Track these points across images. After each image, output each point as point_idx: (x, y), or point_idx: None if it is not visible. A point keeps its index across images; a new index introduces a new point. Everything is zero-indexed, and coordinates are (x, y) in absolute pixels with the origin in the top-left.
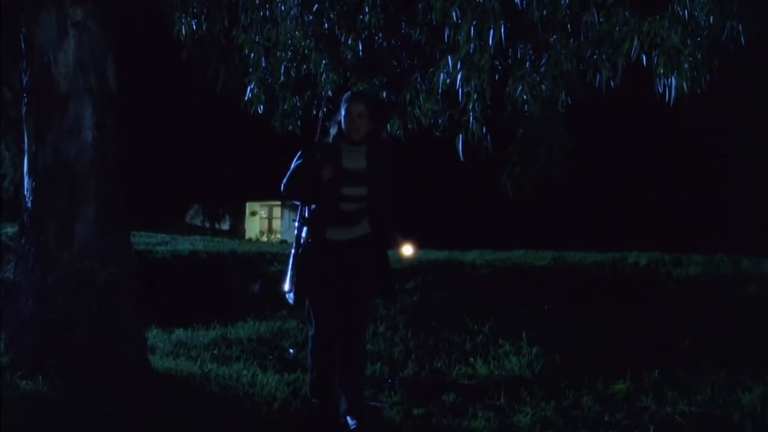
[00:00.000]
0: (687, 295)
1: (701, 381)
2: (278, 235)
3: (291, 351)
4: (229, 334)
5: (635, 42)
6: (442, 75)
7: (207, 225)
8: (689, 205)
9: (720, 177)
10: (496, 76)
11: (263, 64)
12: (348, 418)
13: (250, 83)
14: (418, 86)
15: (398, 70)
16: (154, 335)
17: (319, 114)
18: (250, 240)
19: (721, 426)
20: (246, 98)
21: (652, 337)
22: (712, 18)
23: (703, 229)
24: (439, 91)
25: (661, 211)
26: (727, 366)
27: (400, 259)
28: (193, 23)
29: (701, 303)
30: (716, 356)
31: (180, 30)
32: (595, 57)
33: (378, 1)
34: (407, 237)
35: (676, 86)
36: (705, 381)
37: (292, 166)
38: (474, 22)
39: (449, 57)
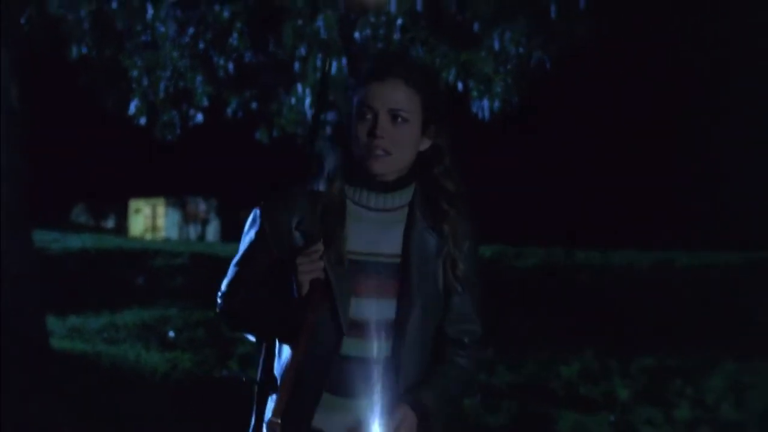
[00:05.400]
0: (524, 284)
1: (528, 357)
2: (162, 233)
3: (171, 334)
4: (117, 321)
5: (453, 71)
6: (293, 99)
7: (92, 223)
8: (532, 199)
9: (560, 172)
10: (349, 92)
11: (145, 83)
12: None
13: (133, 99)
14: (283, 99)
15: (266, 85)
16: (50, 322)
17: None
18: (134, 238)
19: (539, 393)
20: (130, 112)
21: (489, 321)
22: (521, 49)
23: (543, 223)
24: (294, 110)
25: (508, 204)
26: (552, 344)
27: None
28: (83, 49)
29: (535, 290)
30: (545, 336)
31: (73, 55)
32: None
33: (245, 28)
34: None
35: (488, 107)
36: (531, 357)
37: (239, 251)
38: (319, 56)
39: (299, 84)
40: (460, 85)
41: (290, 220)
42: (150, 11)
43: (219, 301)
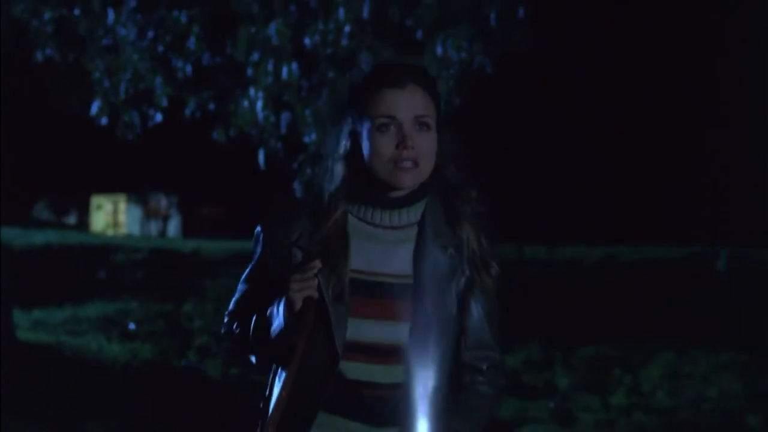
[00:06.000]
0: None
1: None
2: (123, 229)
3: (132, 326)
4: (79, 313)
5: None
6: (246, 102)
7: (54, 219)
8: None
9: (508, 169)
10: (302, 93)
11: (106, 85)
12: None
13: (95, 100)
14: (239, 99)
15: (222, 87)
16: (15, 315)
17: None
18: (96, 233)
19: None
20: (92, 113)
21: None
22: (463, 54)
23: (494, 220)
24: (248, 112)
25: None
26: (500, 335)
27: None
28: (48, 52)
29: None
30: None
31: (38, 59)
32: None
33: (203, 32)
34: None
35: None
36: None
37: (243, 276)
38: (271, 61)
39: (251, 88)
40: None
41: (290, 237)
42: (111, 16)
43: (225, 319)
